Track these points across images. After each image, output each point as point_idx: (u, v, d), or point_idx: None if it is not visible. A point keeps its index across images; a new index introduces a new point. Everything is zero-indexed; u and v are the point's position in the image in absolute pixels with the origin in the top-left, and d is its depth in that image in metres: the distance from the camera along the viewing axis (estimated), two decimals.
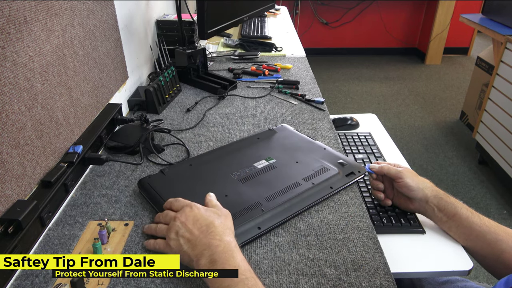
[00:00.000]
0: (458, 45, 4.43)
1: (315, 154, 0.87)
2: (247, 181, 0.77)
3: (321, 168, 0.82)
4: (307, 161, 0.85)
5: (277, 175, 0.80)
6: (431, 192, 0.75)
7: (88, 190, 0.78)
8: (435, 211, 0.75)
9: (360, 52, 4.57)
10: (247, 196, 0.73)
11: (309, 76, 1.39)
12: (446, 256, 0.74)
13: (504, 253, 0.67)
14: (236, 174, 0.79)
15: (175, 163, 0.86)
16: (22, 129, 0.62)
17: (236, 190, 0.74)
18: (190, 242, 0.57)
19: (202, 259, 0.55)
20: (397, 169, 0.79)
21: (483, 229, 0.70)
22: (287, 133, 0.97)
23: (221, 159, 0.85)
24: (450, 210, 0.74)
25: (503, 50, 2.08)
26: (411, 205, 0.79)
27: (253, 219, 0.67)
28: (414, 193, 0.76)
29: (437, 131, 2.87)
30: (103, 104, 0.96)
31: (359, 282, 0.58)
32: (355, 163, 0.86)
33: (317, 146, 0.91)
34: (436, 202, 0.75)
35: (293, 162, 0.84)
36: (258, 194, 0.73)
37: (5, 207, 0.59)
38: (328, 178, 0.79)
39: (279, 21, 2.29)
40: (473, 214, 0.73)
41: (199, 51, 1.28)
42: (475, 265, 0.74)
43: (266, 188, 0.75)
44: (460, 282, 0.82)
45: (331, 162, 0.84)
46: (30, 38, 0.64)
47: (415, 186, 0.76)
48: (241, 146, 0.91)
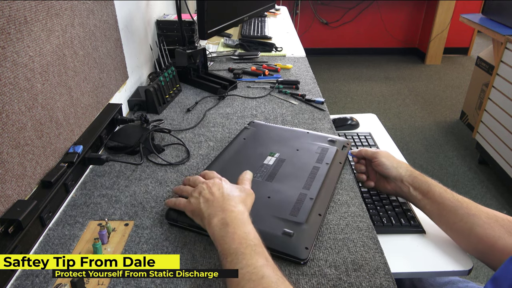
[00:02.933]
0: (458, 45, 4.43)
1: (306, 139, 0.92)
2: (273, 179, 0.77)
3: (322, 149, 0.87)
4: (305, 147, 0.89)
5: (292, 165, 0.82)
6: (406, 171, 0.78)
7: (88, 190, 0.78)
8: (410, 189, 0.77)
9: (360, 52, 4.57)
10: (287, 191, 0.74)
11: (309, 76, 1.39)
12: (446, 256, 0.74)
13: (476, 227, 0.68)
14: (257, 175, 0.78)
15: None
16: (22, 129, 0.62)
17: (272, 190, 0.74)
18: (208, 202, 0.62)
19: (215, 219, 0.59)
20: (373, 150, 0.84)
21: (455, 204, 0.72)
22: (265, 128, 0.98)
23: (230, 166, 0.81)
24: (424, 187, 0.76)
25: (503, 50, 2.08)
26: (388, 186, 0.82)
27: (309, 210, 0.68)
28: (389, 171, 0.79)
29: (437, 131, 2.87)
30: (103, 104, 0.96)
31: (359, 282, 0.58)
32: (341, 138, 0.93)
33: (301, 132, 0.95)
34: (411, 180, 0.77)
35: (294, 151, 0.87)
36: (294, 186, 0.75)
37: (5, 207, 0.59)
38: (334, 155, 0.85)
39: (279, 21, 2.29)
40: (447, 191, 0.74)
41: (199, 51, 1.28)
42: (475, 265, 0.74)
43: (295, 179, 0.77)
44: (461, 283, 0.82)
45: (323, 142, 0.90)
46: (30, 38, 0.64)
47: (390, 164, 0.79)
48: (236, 149, 0.87)
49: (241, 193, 0.65)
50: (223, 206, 0.60)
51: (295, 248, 0.61)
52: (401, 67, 4.19)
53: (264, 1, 1.72)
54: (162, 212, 0.72)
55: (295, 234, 0.63)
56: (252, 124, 0.99)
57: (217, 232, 0.57)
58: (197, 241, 0.66)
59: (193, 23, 1.40)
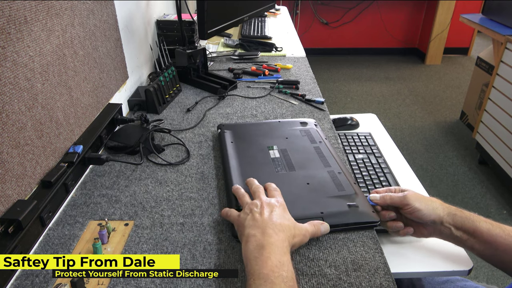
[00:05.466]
0: (458, 45, 4.43)
1: (284, 127, 0.97)
2: (293, 168, 0.80)
3: (305, 131, 0.94)
4: (290, 133, 0.94)
5: (297, 152, 0.85)
6: (443, 211, 0.68)
7: (88, 190, 0.78)
8: (452, 230, 0.68)
9: (360, 52, 4.57)
10: (317, 174, 0.78)
11: (309, 76, 1.39)
12: (446, 256, 0.74)
13: None
14: (278, 169, 0.80)
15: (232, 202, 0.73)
16: (22, 129, 0.62)
17: (304, 176, 0.77)
18: (254, 220, 0.60)
19: (252, 238, 0.57)
20: (399, 195, 0.69)
21: (509, 240, 0.64)
22: (238, 127, 0.98)
23: (247, 170, 0.80)
24: (468, 226, 0.67)
25: (503, 50, 2.08)
26: (425, 231, 0.71)
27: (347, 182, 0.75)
28: (426, 217, 0.68)
29: (437, 131, 2.87)
30: (103, 104, 0.96)
31: (359, 282, 0.58)
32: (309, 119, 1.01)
33: (275, 122, 1.00)
34: (451, 220, 0.67)
35: (285, 139, 0.91)
36: (318, 168, 0.80)
37: (5, 207, 0.59)
38: (318, 133, 0.92)
39: (279, 21, 2.29)
40: (493, 225, 0.66)
41: (199, 51, 1.28)
42: (475, 265, 0.74)
43: (310, 162, 0.82)
44: (459, 281, 0.82)
45: (298, 126, 0.97)
46: (31, 38, 0.64)
47: (425, 208, 0.68)
48: (235, 154, 0.85)
49: (292, 230, 0.60)
50: (265, 229, 0.58)
51: (367, 215, 0.68)
52: (401, 67, 4.19)
53: (264, 1, 1.72)
54: (162, 212, 0.72)
55: (358, 204, 0.70)
56: (223, 127, 0.97)
57: (250, 251, 0.55)
58: (197, 241, 0.66)
59: (193, 23, 1.40)
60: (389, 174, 1.00)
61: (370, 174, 1.00)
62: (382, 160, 1.07)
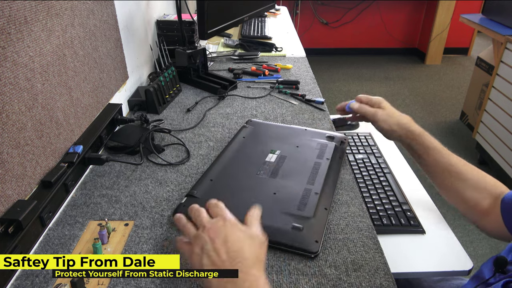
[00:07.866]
0: (458, 45, 4.43)
1: (304, 136, 0.93)
2: (276, 175, 0.78)
3: (321, 145, 0.89)
4: (304, 143, 0.90)
5: (294, 161, 0.83)
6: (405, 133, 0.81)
7: (88, 190, 0.78)
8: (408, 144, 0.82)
9: (360, 52, 4.57)
10: (292, 187, 0.75)
11: (309, 76, 1.39)
12: (446, 256, 0.74)
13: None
14: (261, 172, 0.79)
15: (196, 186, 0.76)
16: (22, 129, 0.62)
17: (277, 186, 0.75)
18: (214, 265, 0.51)
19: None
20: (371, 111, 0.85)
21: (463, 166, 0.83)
22: (263, 126, 0.99)
23: (233, 165, 0.82)
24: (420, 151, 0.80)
25: (503, 50, 2.08)
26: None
27: (315, 204, 0.69)
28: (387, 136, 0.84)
29: (437, 131, 2.87)
30: (103, 104, 0.96)
31: (359, 282, 0.58)
32: (339, 134, 0.96)
33: (299, 129, 0.97)
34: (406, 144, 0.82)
35: (295, 147, 0.88)
36: (299, 182, 0.76)
37: (5, 207, 0.59)
38: (333, 151, 0.87)
39: (279, 21, 2.29)
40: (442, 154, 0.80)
41: (199, 51, 1.28)
42: (475, 265, 0.74)
43: (298, 174, 0.78)
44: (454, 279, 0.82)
45: (322, 138, 0.92)
46: (31, 38, 0.64)
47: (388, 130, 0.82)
48: (237, 148, 0.88)
49: (253, 245, 0.53)
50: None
51: (306, 242, 0.63)
52: (401, 67, 4.19)
53: (264, 1, 1.72)
54: (162, 212, 0.72)
55: (304, 228, 0.64)
56: (250, 123, 1.00)
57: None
58: None
59: (193, 23, 1.40)
60: (389, 174, 1.00)
61: (370, 174, 1.00)
62: (382, 160, 1.07)
